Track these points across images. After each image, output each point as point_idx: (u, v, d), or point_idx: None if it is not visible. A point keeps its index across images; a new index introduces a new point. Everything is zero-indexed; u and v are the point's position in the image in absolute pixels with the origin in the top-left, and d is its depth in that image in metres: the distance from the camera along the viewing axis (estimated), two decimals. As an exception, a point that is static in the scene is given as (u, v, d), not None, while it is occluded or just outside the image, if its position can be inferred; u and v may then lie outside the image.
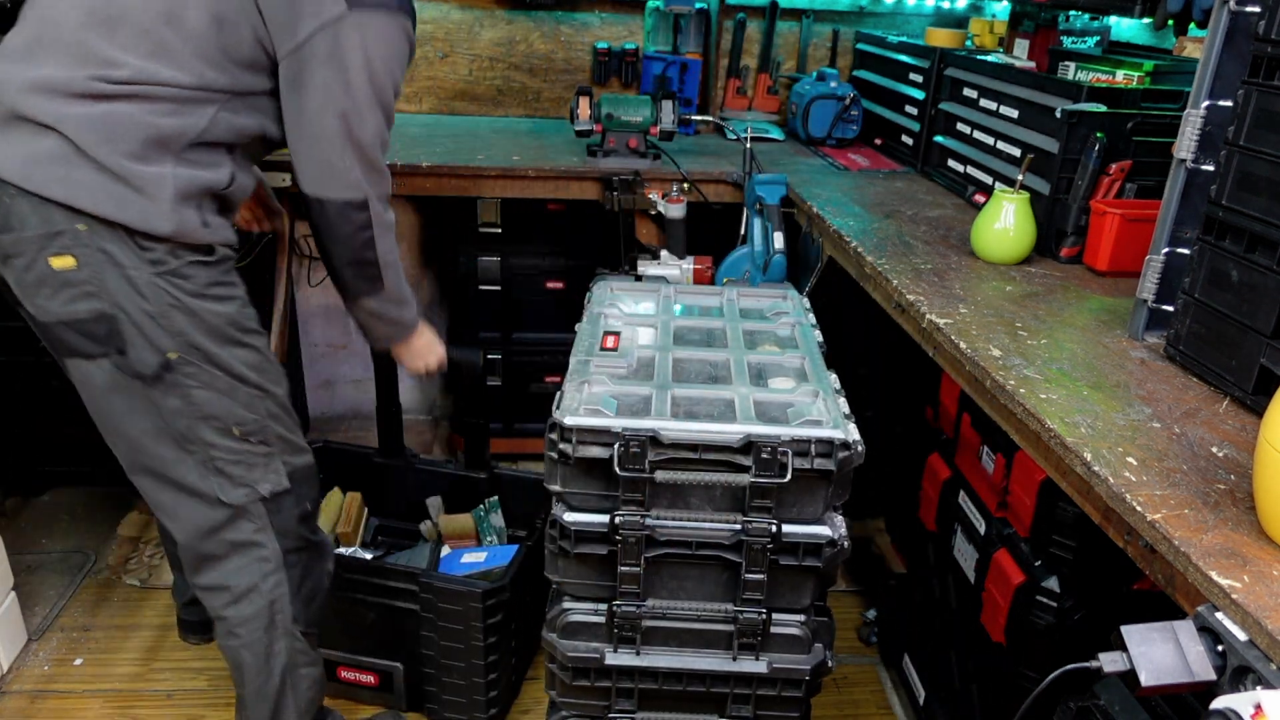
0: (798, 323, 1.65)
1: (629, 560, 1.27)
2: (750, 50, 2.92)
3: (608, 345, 1.47)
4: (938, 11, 2.97)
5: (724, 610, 1.32)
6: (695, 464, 1.24)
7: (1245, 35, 1.24)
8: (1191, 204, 1.34)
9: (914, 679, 2.08)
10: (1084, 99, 1.74)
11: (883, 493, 2.79)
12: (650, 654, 1.33)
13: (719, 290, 1.77)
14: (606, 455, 1.23)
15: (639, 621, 1.31)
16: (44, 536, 2.53)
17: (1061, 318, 1.49)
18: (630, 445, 1.21)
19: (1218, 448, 1.11)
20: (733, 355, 1.48)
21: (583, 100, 2.38)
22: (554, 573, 1.33)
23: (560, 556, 1.30)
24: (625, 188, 2.30)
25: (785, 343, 1.57)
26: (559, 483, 1.28)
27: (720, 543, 1.28)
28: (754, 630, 1.31)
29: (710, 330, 1.59)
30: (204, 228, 1.39)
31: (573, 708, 1.39)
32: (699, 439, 1.23)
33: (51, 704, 2.01)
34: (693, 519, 1.27)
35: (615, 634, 1.32)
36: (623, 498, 1.25)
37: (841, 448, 1.24)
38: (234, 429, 1.46)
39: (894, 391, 2.61)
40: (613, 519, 1.25)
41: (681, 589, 1.32)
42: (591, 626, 1.32)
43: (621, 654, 1.33)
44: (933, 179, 2.34)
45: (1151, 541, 0.96)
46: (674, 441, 1.23)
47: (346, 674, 2.04)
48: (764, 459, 1.21)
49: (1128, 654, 0.89)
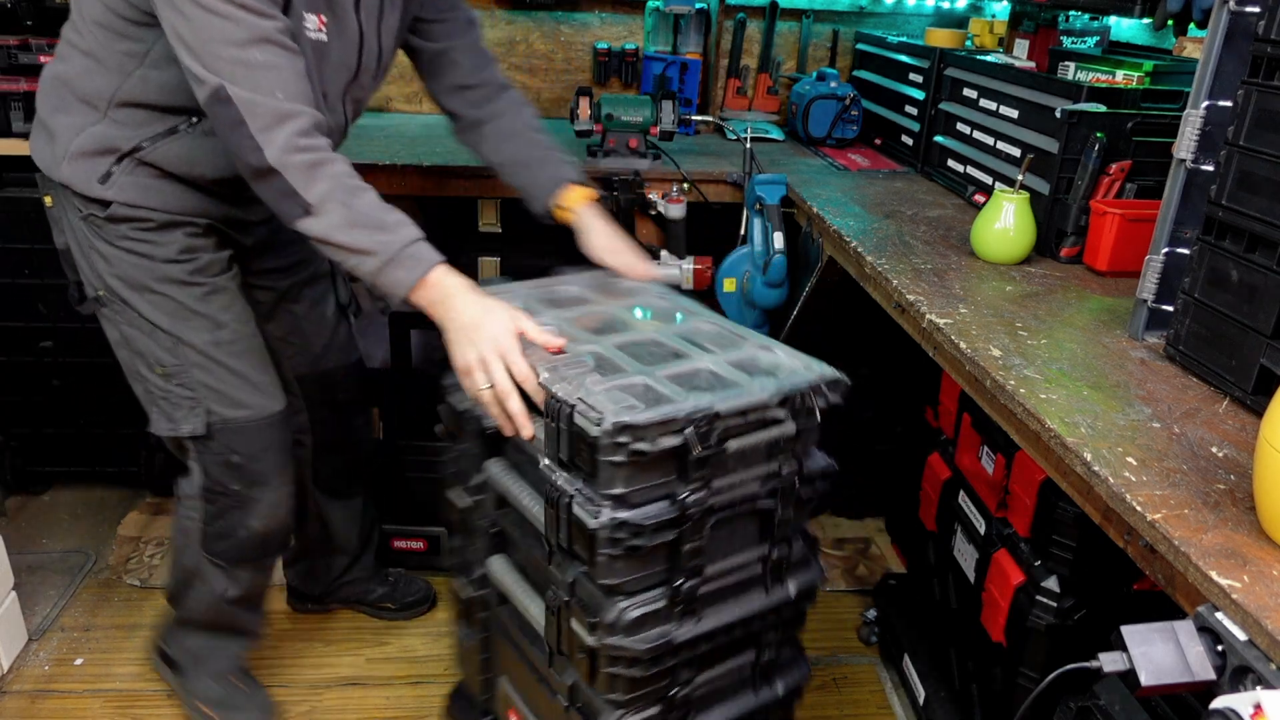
0: (662, 294, 1.68)
1: (695, 536, 1.30)
2: (750, 50, 2.92)
3: (554, 351, 1.39)
4: (938, 11, 2.97)
5: (758, 553, 1.41)
6: (744, 430, 1.29)
7: (1245, 35, 1.24)
8: (1191, 204, 1.34)
9: (914, 679, 2.08)
10: (1084, 99, 1.74)
11: (883, 493, 2.79)
12: (707, 618, 1.38)
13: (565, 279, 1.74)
14: (678, 443, 1.22)
15: (697, 589, 1.35)
16: (44, 536, 2.53)
17: (1061, 318, 1.49)
18: (698, 426, 1.23)
19: (1218, 448, 1.11)
20: (657, 333, 1.49)
21: (583, 100, 2.38)
22: (612, 576, 1.28)
23: (622, 558, 1.26)
24: (625, 188, 2.30)
25: (688, 314, 1.60)
26: (623, 484, 1.23)
27: (758, 494, 1.36)
28: (785, 564, 1.43)
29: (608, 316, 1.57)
30: (100, 183, 1.53)
31: (637, 702, 1.37)
32: (744, 405, 1.28)
33: (52, 704, 2.01)
34: (741, 479, 1.33)
35: (678, 611, 1.34)
36: (693, 477, 1.26)
37: (839, 385, 1.36)
38: (156, 368, 1.63)
39: (894, 391, 2.62)
40: (683, 501, 1.26)
41: (718, 549, 1.37)
42: (655, 614, 1.32)
43: (686, 627, 1.35)
44: (933, 179, 2.34)
45: (1151, 541, 0.96)
46: (730, 412, 1.27)
47: (399, 543, 2.43)
48: (796, 408, 1.33)
49: (1128, 654, 0.89)
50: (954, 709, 1.95)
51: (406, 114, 2.88)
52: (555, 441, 1.29)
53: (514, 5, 2.83)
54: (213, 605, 1.85)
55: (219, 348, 1.64)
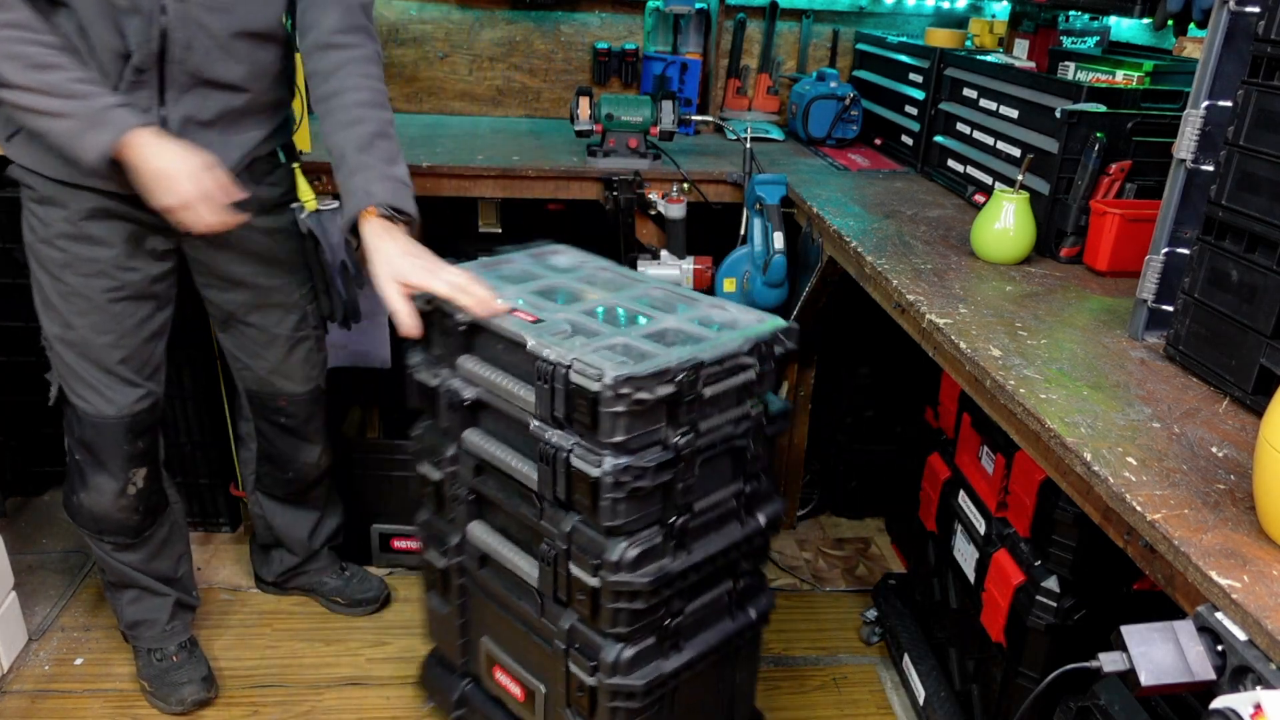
0: (609, 268, 1.77)
1: (687, 475, 1.42)
2: (750, 50, 2.92)
3: (529, 319, 1.47)
4: (938, 11, 2.97)
5: (735, 489, 1.54)
6: (721, 376, 1.43)
7: (1245, 35, 1.24)
8: (1191, 204, 1.34)
9: (914, 679, 2.08)
10: (1084, 99, 1.74)
11: (883, 493, 2.80)
12: (696, 551, 1.50)
13: (510, 258, 1.78)
14: (671, 391, 1.35)
15: (689, 524, 1.47)
16: (44, 536, 2.53)
17: (1061, 318, 1.49)
18: (688, 376, 1.36)
19: (1218, 448, 1.11)
20: (617, 299, 1.60)
21: (583, 100, 2.38)
22: (614, 518, 1.38)
23: (625, 500, 1.37)
24: (625, 188, 2.30)
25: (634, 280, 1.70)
26: (624, 432, 1.33)
27: (734, 434, 1.48)
28: (756, 497, 1.56)
29: (563, 288, 1.66)
30: (6, 141, 1.60)
31: (637, 634, 1.48)
32: (720, 354, 1.41)
33: (52, 704, 2.01)
34: (720, 422, 1.46)
35: (672, 546, 1.45)
36: (682, 421, 1.39)
37: (794, 331, 1.51)
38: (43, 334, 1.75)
39: (894, 391, 2.62)
40: (675, 443, 1.39)
41: (704, 488, 1.49)
42: (652, 551, 1.43)
43: (679, 558, 1.47)
44: (933, 179, 2.34)
45: (1151, 541, 0.96)
46: (712, 360, 1.40)
47: (399, 543, 2.42)
48: (762, 354, 1.46)
49: (1128, 654, 0.89)
50: (954, 709, 1.95)
51: (407, 114, 2.88)
52: (548, 401, 1.39)
53: (514, 5, 2.83)
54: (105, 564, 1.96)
55: (66, 345, 1.73)
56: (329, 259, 1.90)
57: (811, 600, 2.51)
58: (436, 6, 2.80)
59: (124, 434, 1.79)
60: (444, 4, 2.81)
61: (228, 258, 1.81)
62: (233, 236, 1.75)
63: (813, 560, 2.68)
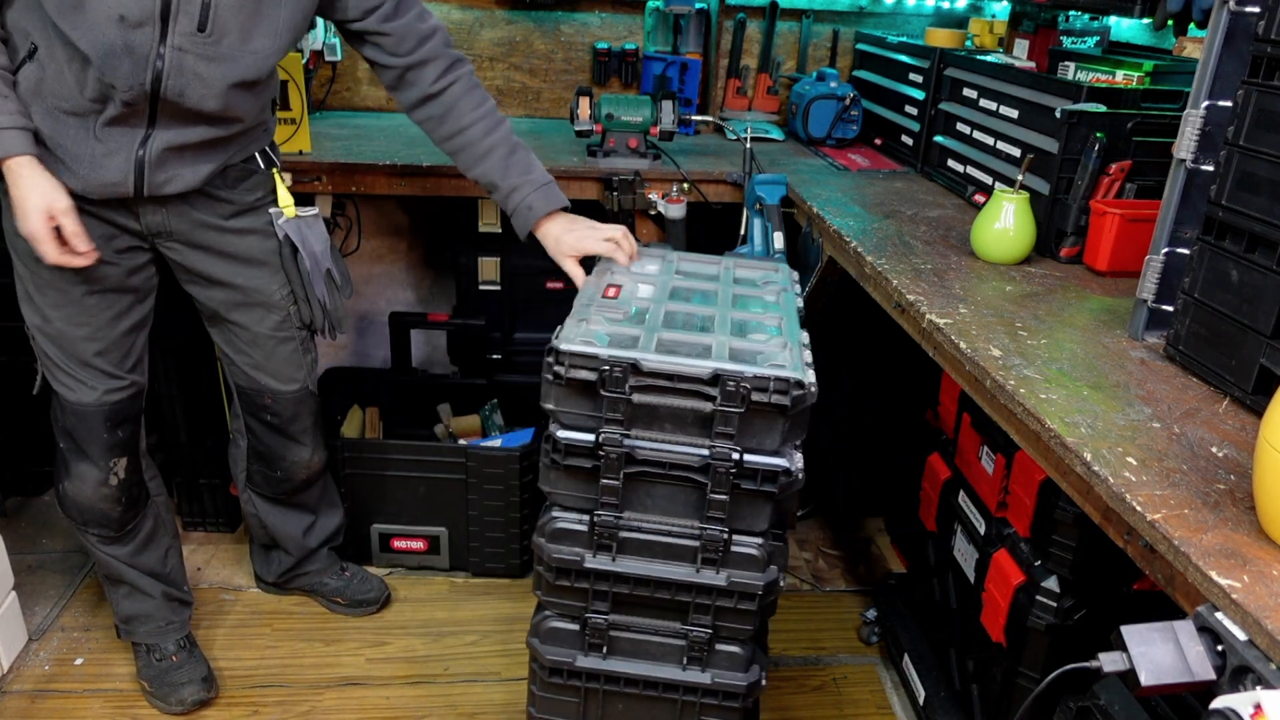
0: (783, 289, 1.78)
1: (610, 474, 1.44)
2: (750, 50, 2.92)
3: (609, 294, 1.63)
4: (938, 11, 2.97)
5: (691, 526, 1.48)
6: (669, 392, 1.41)
7: (1245, 35, 1.24)
8: (1191, 204, 1.34)
9: (914, 679, 2.08)
10: (1084, 99, 1.74)
11: (883, 493, 2.79)
12: (625, 562, 1.50)
13: (718, 259, 1.91)
14: (593, 378, 1.39)
15: (616, 531, 1.48)
16: (44, 536, 2.53)
17: (1061, 318, 1.49)
18: (614, 370, 1.38)
19: (1217, 448, 1.11)
20: (719, 311, 1.61)
21: (583, 100, 2.38)
22: (546, 483, 1.48)
23: (552, 468, 1.46)
24: (625, 188, 2.30)
25: (769, 306, 1.69)
26: (553, 401, 1.43)
27: (690, 464, 1.43)
28: (716, 546, 1.47)
29: (704, 291, 1.72)
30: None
31: (555, 607, 1.55)
32: (674, 370, 1.39)
33: (52, 704, 2.01)
34: (667, 441, 1.44)
35: (595, 541, 1.48)
36: (605, 417, 1.41)
37: (796, 386, 1.39)
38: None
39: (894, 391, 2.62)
40: (598, 436, 1.41)
41: (655, 505, 1.48)
42: (575, 533, 1.49)
43: (599, 559, 1.49)
44: (933, 179, 2.34)
45: (1151, 541, 0.96)
46: (652, 370, 1.39)
47: (399, 543, 2.45)
48: (728, 390, 1.38)
49: (1128, 654, 0.89)
50: (954, 709, 1.95)
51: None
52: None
53: (514, 5, 2.83)
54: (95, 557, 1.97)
55: (45, 336, 1.75)
56: (308, 266, 1.88)
57: (811, 600, 2.51)
58: (436, 6, 2.80)
59: (103, 422, 1.80)
60: (444, 4, 2.81)
61: (203, 257, 1.81)
62: (208, 238, 1.78)
63: (813, 560, 2.68)
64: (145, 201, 1.67)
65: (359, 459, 2.36)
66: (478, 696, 2.10)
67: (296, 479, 2.12)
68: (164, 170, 1.64)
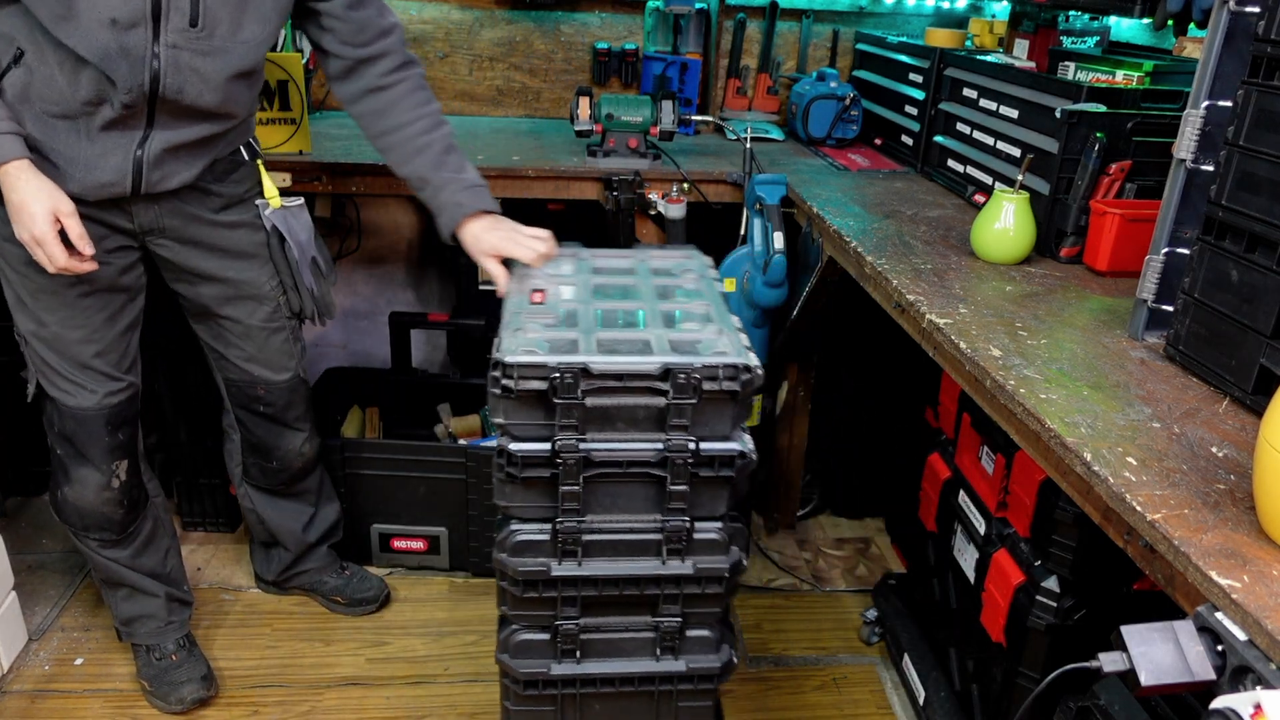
0: (701, 276, 1.78)
1: (569, 481, 1.43)
2: (750, 50, 2.92)
3: (535, 300, 1.61)
4: (938, 11, 2.96)
5: (653, 520, 1.50)
6: (621, 392, 1.41)
7: (1245, 35, 1.24)
8: (1191, 204, 1.34)
9: (914, 679, 2.08)
10: (1084, 99, 1.74)
11: (883, 493, 2.80)
12: (591, 564, 1.50)
13: (628, 252, 1.92)
14: (544, 387, 1.39)
15: (580, 535, 1.48)
16: (44, 536, 2.53)
17: (1061, 318, 1.49)
18: (564, 377, 1.37)
19: (1218, 448, 1.11)
20: (646, 305, 1.62)
21: (583, 100, 2.38)
22: (502, 498, 1.47)
23: (508, 483, 1.45)
24: (625, 188, 2.30)
25: (692, 294, 1.70)
26: (503, 415, 1.42)
27: (647, 460, 1.44)
28: (679, 536, 1.49)
29: (625, 286, 1.72)
30: None
31: (523, 619, 1.55)
32: (623, 369, 1.40)
33: (52, 704, 2.01)
34: (622, 441, 1.44)
35: (559, 548, 1.48)
36: (560, 424, 1.41)
37: (744, 371, 1.42)
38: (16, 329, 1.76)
39: (894, 391, 2.62)
40: (553, 444, 1.41)
41: (615, 504, 1.49)
42: (537, 544, 1.48)
43: (565, 565, 1.49)
44: (933, 179, 2.34)
45: (1151, 541, 0.96)
46: (602, 372, 1.39)
47: (399, 543, 2.46)
48: (680, 384, 1.40)
49: (1128, 654, 0.89)
50: (954, 709, 1.95)
51: (406, 114, 2.88)
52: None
53: (514, 5, 2.83)
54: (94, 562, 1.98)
55: (40, 341, 1.74)
56: (295, 255, 1.91)
57: (811, 600, 2.52)
58: (436, 6, 2.80)
59: (104, 425, 1.80)
60: (444, 4, 2.81)
61: (193, 253, 1.82)
62: (199, 233, 1.79)
63: (813, 560, 2.68)
64: (138, 199, 1.68)
65: (359, 459, 2.36)
66: (478, 696, 2.10)
67: (293, 467, 2.12)
68: (161, 169, 1.64)
